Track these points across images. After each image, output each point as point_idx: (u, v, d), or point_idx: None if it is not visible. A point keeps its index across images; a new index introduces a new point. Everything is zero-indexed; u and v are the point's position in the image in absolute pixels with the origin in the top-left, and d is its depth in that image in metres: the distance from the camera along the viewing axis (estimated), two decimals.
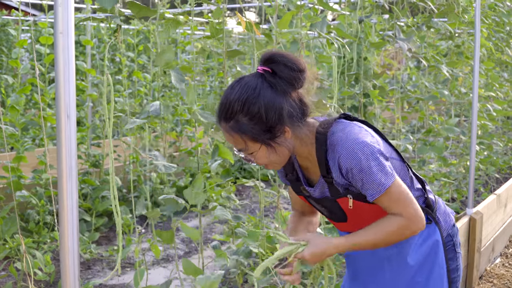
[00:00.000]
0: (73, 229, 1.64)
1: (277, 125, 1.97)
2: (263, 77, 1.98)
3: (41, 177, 5.73)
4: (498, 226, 5.59)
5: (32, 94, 7.39)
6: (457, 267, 2.36)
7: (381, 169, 2.00)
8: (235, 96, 1.98)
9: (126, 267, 5.16)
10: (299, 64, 1.99)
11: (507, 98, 7.94)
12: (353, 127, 2.06)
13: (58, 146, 1.61)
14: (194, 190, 2.49)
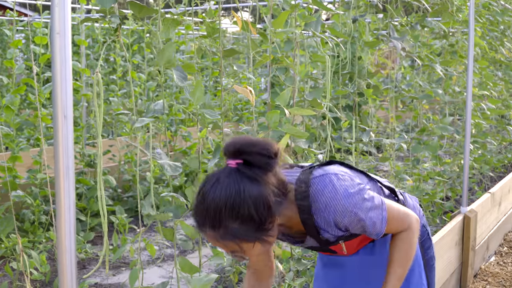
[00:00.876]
0: (70, 229, 1.64)
1: (268, 218, 1.83)
2: (239, 171, 1.83)
3: (36, 177, 5.73)
4: (492, 224, 5.61)
5: (27, 94, 7.39)
6: (433, 255, 2.47)
7: (375, 206, 2.03)
8: (219, 202, 1.79)
9: (122, 266, 5.16)
10: (273, 149, 1.87)
11: (501, 97, 7.97)
12: (329, 182, 2.01)
13: (55, 146, 1.61)
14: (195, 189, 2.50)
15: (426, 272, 2.43)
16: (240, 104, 9.44)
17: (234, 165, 1.83)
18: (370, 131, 4.34)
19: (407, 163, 5.84)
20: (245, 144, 1.85)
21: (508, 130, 7.91)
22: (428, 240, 2.46)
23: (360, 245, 2.30)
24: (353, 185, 2.02)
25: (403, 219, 2.12)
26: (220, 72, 3.01)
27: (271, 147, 1.86)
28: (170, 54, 2.45)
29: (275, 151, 1.87)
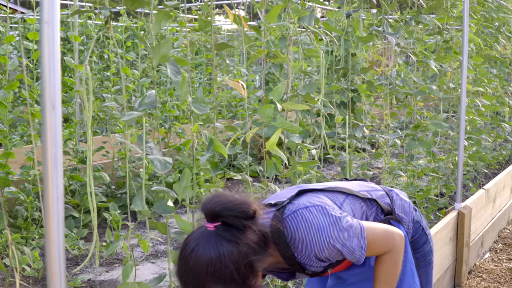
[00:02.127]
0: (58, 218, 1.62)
1: (250, 276, 1.84)
2: (217, 235, 1.83)
3: (29, 173, 5.70)
4: (487, 221, 5.60)
5: (20, 91, 7.35)
6: (431, 249, 2.47)
7: (353, 235, 2.05)
8: (200, 268, 1.81)
9: (115, 263, 5.14)
10: (249, 210, 1.87)
11: (496, 93, 7.96)
12: (302, 219, 2.04)
13: (43, 136, 1.59)
14: (183, 185, 2.48)
15: (421, 268, 2.43)
16: (234, 101, 9.42)
17: (212, 228, 1.84)
18: (363, 126, 4.33)
19: (401, 159, 5.83)
20: (222, 208, 1.85)
21: (502, 127, 7.91)
22: (423, 236, 2.46)
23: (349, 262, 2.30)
24: (327, 215, 2.05)
25: (386, 242, 2.14)
26: (212, 66, 2.99)
27: (248, 208, 1.86)
28: (166, 49, 2.42)
29: (252, 210, 1.87)
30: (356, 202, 2.28)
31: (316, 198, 2.15)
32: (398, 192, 2.48)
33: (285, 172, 3.47)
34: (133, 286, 2.50)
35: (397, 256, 2.16)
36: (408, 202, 2.45)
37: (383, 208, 2.33)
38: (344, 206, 2.22)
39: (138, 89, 7.69)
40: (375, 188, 2.43)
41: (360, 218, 2.25)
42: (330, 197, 2.22)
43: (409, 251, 2.34)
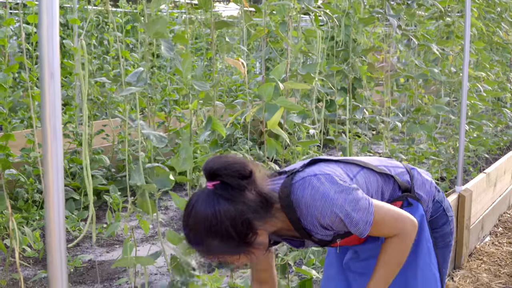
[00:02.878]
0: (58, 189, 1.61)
1: (248, 233, 1.94)
2: (215, 193, 1.94)
3: (29, 155, 5.70)
4: (487, 205, 5.60)
5: (20, 74, 7.34)
6: (451, 231, 2.43)
7: (358, 208, 2.05)
8: (198, 224, 1.92)
9: (115, 244, 5.15)
10: (246, 170, 1.96)
11: (498, 79, 7.94)
12: (309, 185, 2.08)
13: (42, 106, 1.58)
14: (182, 156, 2.47)
15: (439, 248, 2.39)
16: (234, 86, 9.40)
17: (211, 187, 1.94)
18: (363, 108, 4.31)
19: (402, 143, 5.82)
20: (220, 166, 1.95)
21: (504, 113, 7.89)
22: (444, 217, 2.42)
23: None
24: (335, 184, 2.06)
25: (395, 224, 2.12)
26: (212, 43, 2.98)
27: (243, 168, 1.95)
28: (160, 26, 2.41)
29: (248, 170, 1.96)
30: (372, 175, 2.26)
31: (328, 168, 2.16)
32: (420, 171, 2.45)
33: (284, 152, 3.47)
34: (132, 260, 2.50)
35: (404, 242, 2.14)
36: (430, 181, 2.42)
37: (400, 185, 2.31)
38: (357, 178, 2.21)
39: None
40: (396, 165, 2.40)
41: (375, 191, 2.24)
42: (343, 168, 2.23)
43: (426, 229, 2.32)
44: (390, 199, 2.29)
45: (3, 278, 4.02)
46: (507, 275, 4.69)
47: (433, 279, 2.32)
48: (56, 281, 1.71)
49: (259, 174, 2.00)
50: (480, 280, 4.55)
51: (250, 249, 1.96)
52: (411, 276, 2.31)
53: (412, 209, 2.29)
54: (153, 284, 4.25)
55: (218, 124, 2.81)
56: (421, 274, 2.31)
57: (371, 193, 2.22)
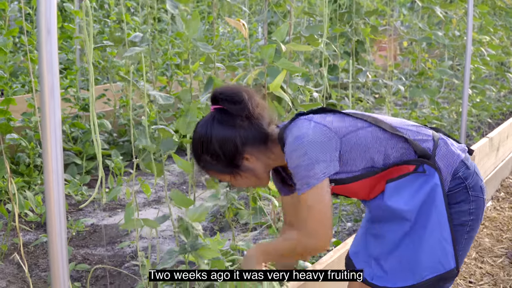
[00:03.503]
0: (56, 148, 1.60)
1: (235, 155, 2.16)
2: (212, 116, 2.19)
3: (30, 119, 5.67)
4: (489, 169, 5.59)
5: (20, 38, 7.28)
6: (470, 211, 2.27)
7: (309, 170, 2.09)
8: (195, 141, 2.22)
9: (118, 208, 5.15)
10: (239, 96, 2.15)
11: (502, 43, 7.88)
12: (296, 125, 2.18)
13: (40, 63, 1.56)
14: (188, 119, 2.46)
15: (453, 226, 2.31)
16: (236, 50, 9.34)
17: (212, 110, 2.20)
18: (366, 71, 4.28)
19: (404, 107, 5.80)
20: (220, 92, 2.19)
21: (507, 78, 7.85)
22: (464, 194, 2.26)
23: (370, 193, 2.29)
24: (316, 135, 2.12)
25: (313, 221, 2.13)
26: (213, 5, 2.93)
27: (237, 95, 2.15)
28: None
29: (241, 98, 2.15)
30: (380, 134, 2.21)
31: (328, 118, 2.20)
32: (452, 143, 2.34)
33: (287, 115, 3.44)
34: (138, 222, 2.50)
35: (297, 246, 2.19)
36: (457, 155, 2.27)
37: (416, 150, 2.24)
38: (358, 133, 2.19)
39: None
40: (420, 131, 2.31)
41: (377, 151, 2.19)
42: (349, 121, 2.22)
43: (439, 202, 2.21)
44: (399, 161, 2.23)
45: (4, 243, 4.03)
46: (509, 240, 4.69)
47: (443, 253, 2.23)
48: (56, 246, 1.71)
49: (257, 107, 2.18)
50: (482, 245, 4.55)
51: (239, 172, 2.19)
52: (418, 249, 2.23)
53: (427, 176, 2.23)
54: (155, 247, 4.26)
55: (219, 85, 2.78)
56: (429, 248, 2.22)
57: (372, 152, 2.19)
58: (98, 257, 4.13)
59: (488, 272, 4.12)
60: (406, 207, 2.22)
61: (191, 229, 2.52)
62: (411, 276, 2.25)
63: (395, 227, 2.27)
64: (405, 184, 2.23)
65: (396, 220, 2.26)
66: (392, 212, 2.24)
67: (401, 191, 2.23)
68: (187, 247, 2.50)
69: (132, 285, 3.73)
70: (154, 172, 2.59)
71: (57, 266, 1.72)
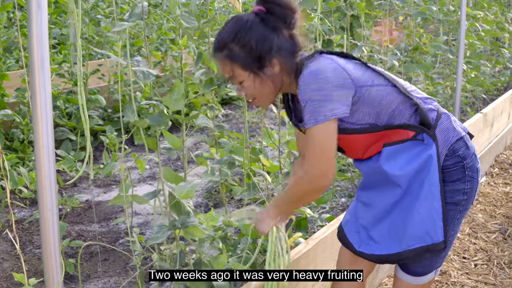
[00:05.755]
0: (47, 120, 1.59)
1: (266, 55, 2.15)
2: (257, 14, 2.17)
3: (24, 95, 5.65)
4: (484, 145, 5.60)
5: (14, 13, 7.24)
6: (465, 191, 2.28)
7: (321, 105, 2.08)
8: (228, 29, 2.18)
9: (112, 184, 5.16)
10: (291, 4, 2.17)
11: (496, 19, 7.85)
12: (318, 61, 2.16)
13: (29, 38, 1.55)
14: (174, 97, 2.45)
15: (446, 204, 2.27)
16: None
17: (256, 10, 2.18)
18: (361, 46, 4.26)
19: None
20: None
21: (502, 53, 7.83)
22: (461, 173, 2.27)
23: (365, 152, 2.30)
24: (335, 74, 2.11)
25: (320, 155, 2.13)
26: None
27: (290, 3, 2.18)
28: None
29: (293, 7, 2.18)
30: (394, 95, 2.23)
31: (349, 65, 2.21)
32: (454, 119, 2.34)
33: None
34: (127, 198, 2.50)
35: (305, 184, 2.19)
36: (458, 132, 2.28)
37: (421, 117, 2.24)
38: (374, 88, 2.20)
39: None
40: (428, 100, 2.33)
41: (385, 110, 2.20)
42: (369, 74, 2.23)
43: (433, 173, 2.22)
44: (402, 124, 2.23)
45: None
46: (503, 215, 4.72)
47: (432, 224, 2.23)
48: (47, 221, 1.72)
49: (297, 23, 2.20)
50: (475, 221, 4.58)
51: (259, 73, 2.17)
52: (407, 217, 2.24)
53: (424, 146, 2.22)
54: (150, 223, 4.27)
55: (209, 59, 2.77)
56: (419, 217, 2.22)
57: (380, 110, 2.19)
58: (93, 234, 4.15)
59: (482, 248, 4.15)
60: (400, 172, 2.23)
61: (182, 206, 2.53)
62: (397, 245, 2.27)
63: (386, 194, 2.29)
64: (402, 150, 2.24)
65: (388, 186, 2.27)
66: (386, 177, 2.26)
67: (397, 157, 2.24)
68: (177, 223, 2.50)
69: (127, 262, 3.75)
70: (146, 146, 2.58)
71: (49, 242, 1.73)
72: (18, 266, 3.67)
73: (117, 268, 3.69)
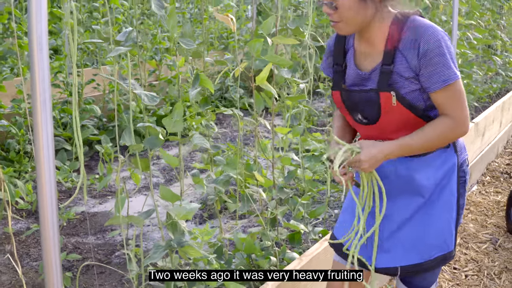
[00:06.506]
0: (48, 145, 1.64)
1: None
2: None
3: (20, 106, 5.69)
4: (475, 154, 5.66)
5: (9, 23, 7.27)
6: (463, 205, 2.35)
7: (453, 63, 2.08)
8: None
9: (108, 195, 5.19)
10: None
11: (488, 26, 7.92)
12: (434, 27, 2.11)
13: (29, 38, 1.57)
14: (174, 119, 2.50)
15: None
16: (225, 33, 9.34)
17: None
18: None
19: None
20: None
21: (494, 60, 7.90)
22: (463, 188, 2.34)
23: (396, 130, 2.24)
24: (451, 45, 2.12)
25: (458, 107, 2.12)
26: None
27: None
28: None
29: None
30: None
31: None
32: None
33: (274, 106, 3.49)
34: (124, 219, 2.54)
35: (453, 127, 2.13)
36: (465, 148, 2.38)
37: None
38: None
39: (128, 20, 7.60)
40: None
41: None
42: None
43: (454, 183, 2.27)
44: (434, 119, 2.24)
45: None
46: (494, 225, 4.77)
47: (449, 233, 2.28)
48: (49, 235, 1.76)
49: None
50: (467, 231, 4.63)
51: None
52: (428, 227, 2.27)
53: (448, 154, 2.27)
54: (146, 235, 4.32)
55: (206, 81, 2.82)
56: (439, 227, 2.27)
57: None
58: (89, 246, 4.18)
59: (472, 258, 4.20)
60: (427, 182, 2.25)
61: (178, 225, 2.58)
62: (416, 255, 2.27)
63: (406, 203, 2.29)
64: (431, 159, 2.25)
65: (411, 195, 2.28)
66: (413, 186, 2.26)
67: (428, 166, 2.26)
68: (173, 243, 2.55)
69: (123, 275, 3.79)
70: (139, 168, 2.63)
71: (50, 256, 1.77)
72: (16, 279, 3.71)
73: (113, 281, 3.74)
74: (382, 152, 2.13)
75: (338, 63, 2.31)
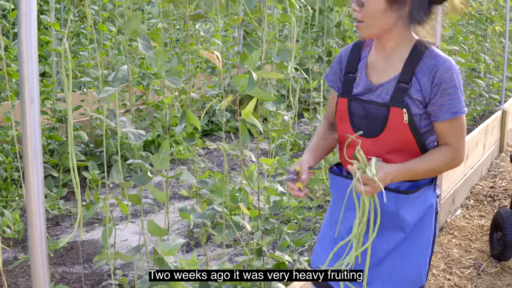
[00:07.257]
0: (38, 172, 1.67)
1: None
2: None
3: (7, 133, 5.72)
4: (458, 178, 5.73)
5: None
6: (435, 239, 2.41)
7: (462, 98, 2.20)
8: None
9: (95, 223, 5.21)
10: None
11: (472, 49, 8.03)
12: (448, 58, 2.21)
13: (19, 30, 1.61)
14: (161, 157, 2.54)
15: None
16: None
17: None
18: None
19: None
20: None
21: (477, 83, 8.00)
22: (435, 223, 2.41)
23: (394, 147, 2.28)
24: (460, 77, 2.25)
25: (460, 139, 2.25)
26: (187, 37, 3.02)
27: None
28: (136, 24, 2.47)
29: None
30: None
31: None
32: None
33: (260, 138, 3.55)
34: (111, 256, 2.58)
35: (453, 157, 2.25)
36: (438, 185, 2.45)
37: None
38: None
39: (115, 46, 7.65)
40: None
41: None
42: None
43: (433, 219, 2.35)
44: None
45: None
46: (478, 250, 4.83)
47: (424, 269, 2.34)
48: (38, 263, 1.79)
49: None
50: (451, 256, 4.68)
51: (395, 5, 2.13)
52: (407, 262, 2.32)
53: (430, 191, 2.33)
54: (132, 264, 4.34)
55: (192, 117, 2.88)
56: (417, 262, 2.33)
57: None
58: (76, 276, 4.20)
59: (456, 284, 4.26)
60: (411, 219, 2.30)
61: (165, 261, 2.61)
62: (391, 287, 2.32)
63: (387, 238, 2.32)
64: (416, 196, 2.29)
65: (393, 230, 2.31)
66: (397, 222, 2.29)
67: (412, 203, 2.29)
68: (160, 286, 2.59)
69: None
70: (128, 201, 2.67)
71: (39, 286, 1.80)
72: None
73: None
74: (391, 174, 2.16)
75: (350, 72, 2.37)
